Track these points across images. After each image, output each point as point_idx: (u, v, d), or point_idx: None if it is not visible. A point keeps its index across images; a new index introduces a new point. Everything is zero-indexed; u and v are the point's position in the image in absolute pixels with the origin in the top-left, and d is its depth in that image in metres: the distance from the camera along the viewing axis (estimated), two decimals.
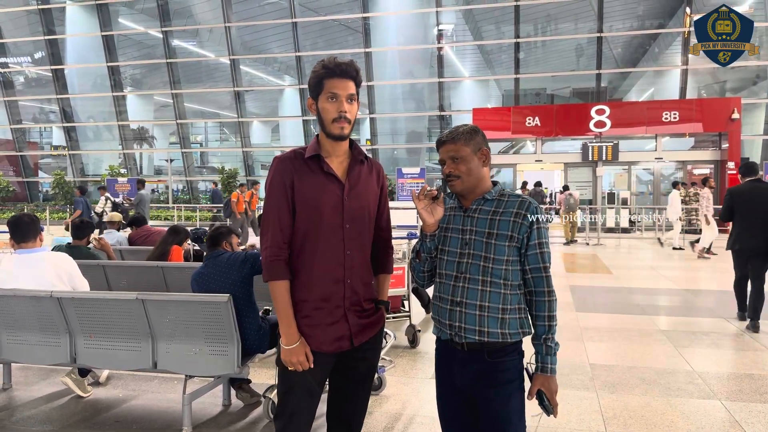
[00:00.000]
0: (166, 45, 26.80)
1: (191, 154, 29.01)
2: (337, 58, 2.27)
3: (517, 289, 2.18)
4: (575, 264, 12.38)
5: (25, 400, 4.30)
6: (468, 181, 2.21)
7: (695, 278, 10.50)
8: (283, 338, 2.22)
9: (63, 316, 3.84)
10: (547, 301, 2.18)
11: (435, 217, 2.21)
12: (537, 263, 2.17)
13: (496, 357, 2.16)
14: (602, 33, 22.92)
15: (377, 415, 4.00)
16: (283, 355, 2.21)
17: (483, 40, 26.24)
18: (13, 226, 4.07)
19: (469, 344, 2.17)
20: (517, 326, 2.18)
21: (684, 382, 4.69)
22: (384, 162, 25.99)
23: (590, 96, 23.44)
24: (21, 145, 29.82)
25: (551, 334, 2.18)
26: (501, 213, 2.19)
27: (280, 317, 2.22)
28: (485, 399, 2.18)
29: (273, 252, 2.22)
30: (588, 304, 7.83)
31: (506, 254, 2.15)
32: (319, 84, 2.25)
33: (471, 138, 2.22)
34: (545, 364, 2.17)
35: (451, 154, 2.22)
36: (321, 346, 2.23)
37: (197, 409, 4.04)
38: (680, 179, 19.14)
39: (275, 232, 2.23)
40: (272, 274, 2.22)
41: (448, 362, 2.25)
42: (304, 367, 2.20)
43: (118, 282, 5.41)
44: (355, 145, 2.38)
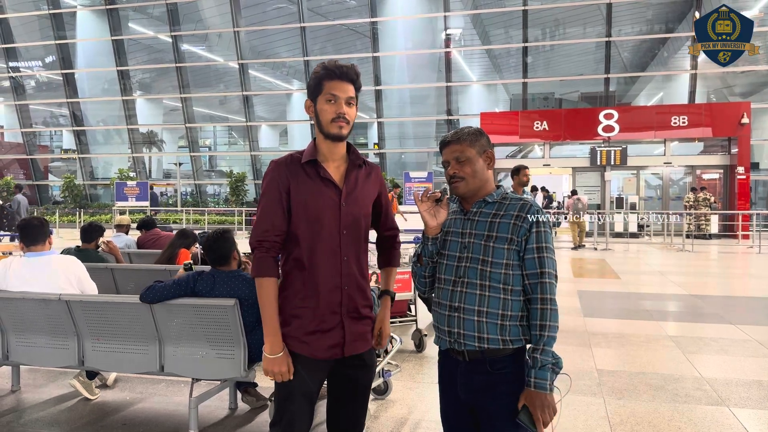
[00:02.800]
0: (175, 49, 26.97)
1: (200, 158, 29.14)
2: (338, 61, 2.27)
3: (519, 295, 2.10)
4: (583, 269, 12.33)
5: (33, 403, 4.33)
6: (472, 183, 2.17)
7: (704, 284, 10.44)
8: (267, 345, 2.17)
9: (71, 319, 3.86)
10: (540, 309, 2.05)
11: (438, 220, 2.19)
12: (534, 268, 2.07)
13: (498, 368, 2.09)
14: (611, 37, 22.86)
15: (383, 420, 4.00)
16: (265, 363, 2.17)
17: (491, 45, 26.24)
18: (22, 230, 4.11)
19: (469, 353, 2.11)
20: (518, 333, 2.09)
21: (692, 388, 4.66)
22: (391, 166, 26.01)
23: (599, 100, 23.37)
24: (32, 149, 30.05)
25: (543, 346, 2.03)
26: (501, 216, 2.14)
27: (266, 322, 2.18)
28: (487, 411, 2.12)
29: (264, 248, 2.20)
30: (596, 310, 7.79)
31: (505, 257, 2.09)
32: (318, 85, 2.23)
33: (476, 139, 2.20)
34: (529, 378, 2.03)
35: (456, 155, 2.18)
36: (316, 353, 2.21)
37: (204, 413, 4.06)
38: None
39: (266, 229, 2.21)
40: (260, 271, 2.19)
41: (451, 374, 2.20)
42: (284, 378, 2.16)
43: (126, 285, 5.44)
44: (352, 149, 2.35)
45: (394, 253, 2.51)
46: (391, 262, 2.51)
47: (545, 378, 2.01)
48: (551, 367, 2.03)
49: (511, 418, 2.07)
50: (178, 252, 5.76)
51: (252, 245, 2.23)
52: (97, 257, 5.53)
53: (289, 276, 2.23)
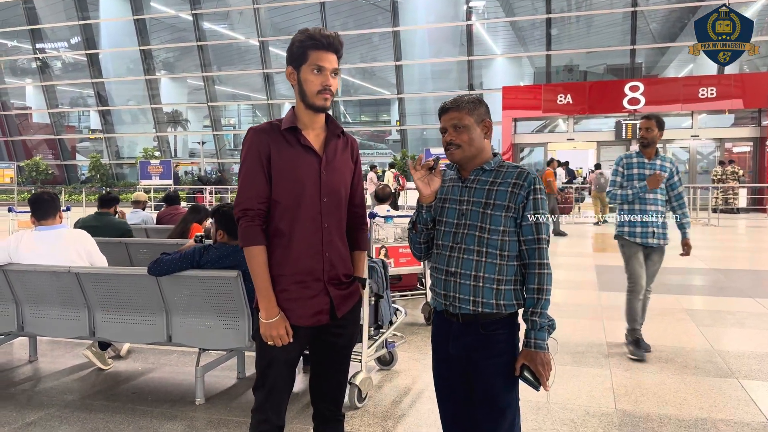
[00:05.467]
0: (196, 28, 27.04)
1: (222, 137, 29.35)
2: (322, 29, 2.25)
3: (514, 260, 2.15)
4: (605, 243, 12.20)
5: (48, 372, 4.47)
6: (468, 150, 2.19)
7: (728, 258, 10.25)
8: (262, 312, 2.20)
9: (81, 291, 3.95)
10: (537, 274, 2.12)
11: (431, 188, 2.20)
12: (531, 234, 2.13)
13: (490, 329, 2.15)
14: (638, 7, 22.27)
15: (386, 389, 4.04)
16: (262, 329, 2.20)
17: (514, 17, 25.75)
18: (33, 204, 4.20)
19: (463, 315, 2.16)
20: (512, 297, 2.15)
21: (702, 360, 4.60)
22: (413, 142, 25.89)
23: (625, 72, 22.86)
24: (59, 129, 30.59)
25: (540, 308, 2.11)
26: (499, 183, 2.16)
27: (259, 289, 2.20)
28: (478, 370, 2.18)
29: (248, 216, 2.20)
30: (612, 284, 7.70)
31: (502, 224, 2.12)
32: (303, 54, 2.22)
33: (475, 108, 2.20)
34: (529, 339, 2.11)
35: (454, 122, 2.20)
36: (299, 320, 2.23)
37: (212, 382, 4.14)
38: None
39: (250, 197, 2.20)
40: (248, 239, 2.19)
41: (443, 333, 2.25)
42: (283, 342, 2.18)
43: (140, 259, 5.55)
44: (331, 119, 2.35)
45: (362, 236, 2.45)
46: (359, 245, 2.45)
47: (543, 339, 2.11)
48: (547, 329, 2.12)
49: (503, 375, 2.15)
50: (191, 227, 5.84)
51: (236, 215, 2.23)
52: (114, 220, 5.99)
53: (270, 244, 2.24)
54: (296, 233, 2.21)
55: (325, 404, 2.40)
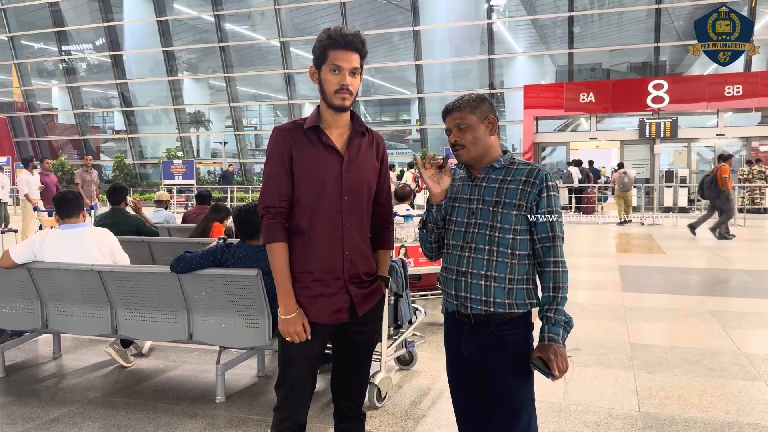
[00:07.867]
0: (218, 29, 27.26)
1: (244, 137, 29.55)
2: (343, 29, 2.24)
3: (525, 259, 2.12)
4: (628, 244, 12.05)
5: (72, 369, 4.53)
6: (474, 150, 2.17)
7: (755, 258, 10.05)
8: (281, 308, 2.22)
9: (104, 289, 3.99)
10: (553, 272, 2.09)
11: (441, 187, 2.19)
12: (546, 232, 2.10)
13: (502, 329, 2.12)
14: (662, 4, 21.94)
15: (406, 389, 4.02)
16: (280, 325, 2.22)
17: (536, 15, 25.53)
18: (58, 203, 4.26)
19: (475, 316, 2.14)
20: (524, 297, 2.12)
21: (728, 362, 4.51)
22: (433, 142, 25.81)
23: (649, 70, 22.52)
24: (84, 130, 31.05)
25: (556, 305, 2.08)
26: (509, 181, 2.13)
27: (279, 285, 2.22)
28: (491, 371, 2.16)
29: (270, 214, 2.22)
30: (636, 285, 7.61)
31: (513, 223, 2.10)
32: (323, 54, 2.23)
33: (477, 106, 2.17)
34: (543, 333, 2.09)
35: (457, 122, 2.18)
36: (319, 317, 2.24)
37: (232, 380, 4.16)
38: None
39: (272, 195, 2.23)
40: (270, 236, 2.22)
41: (456, 334, 2.23)
42: (301, 338, 2.20)
43: (162, 258, 5.59)
44: (356, 117, 2.35)
45: (387, 235, 2.46)
46: (384, 244, 2.46)
47: (558, 333, 2.08)
48: (563, 325, 2.09)
49: (517, 375, 2.13)
50: (212, 225, 5.88)
51: (259, 212, 2.27)
52: (128, 215, 5.97)
53: (291, 241, 2.25)
54: (316, 231, 2.23)
55: (346, 402, 2.40)
